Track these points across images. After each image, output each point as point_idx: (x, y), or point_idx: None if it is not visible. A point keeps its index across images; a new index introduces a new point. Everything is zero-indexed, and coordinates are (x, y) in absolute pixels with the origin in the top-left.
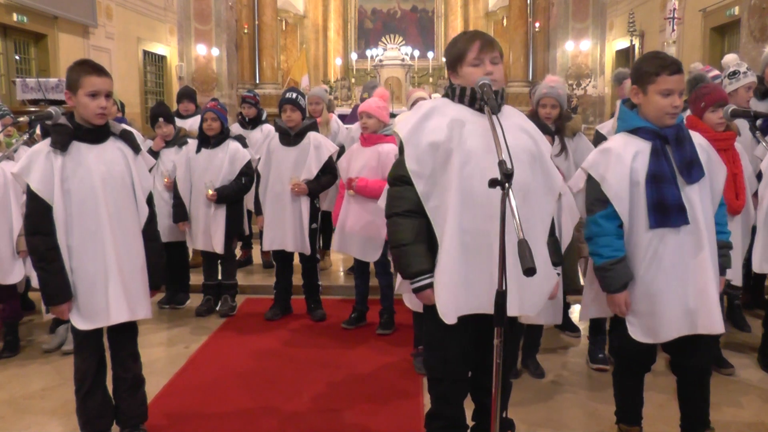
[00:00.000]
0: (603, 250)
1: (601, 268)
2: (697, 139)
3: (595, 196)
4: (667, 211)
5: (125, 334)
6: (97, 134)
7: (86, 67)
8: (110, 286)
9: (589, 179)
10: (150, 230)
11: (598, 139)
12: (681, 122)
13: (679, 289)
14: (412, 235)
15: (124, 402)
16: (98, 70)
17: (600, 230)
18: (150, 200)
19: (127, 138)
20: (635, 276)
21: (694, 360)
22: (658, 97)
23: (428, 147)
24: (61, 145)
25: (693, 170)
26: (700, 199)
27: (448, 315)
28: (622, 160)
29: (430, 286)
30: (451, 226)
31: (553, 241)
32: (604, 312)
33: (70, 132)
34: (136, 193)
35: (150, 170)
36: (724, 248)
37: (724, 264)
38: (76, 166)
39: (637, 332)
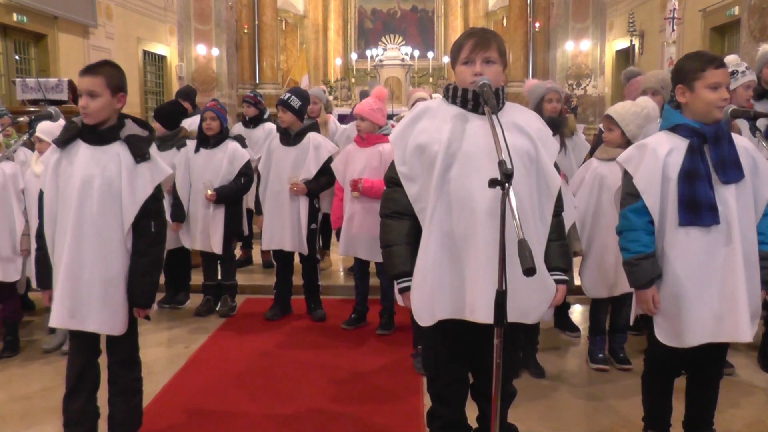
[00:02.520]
0: (630, 245)
1: (628, 263)
2: (742, 141)
3: (627, 191)
4: (698, 209)
5: (114, 339)
6: (99, 136)
7: (82, 68)
8: (57, 288)
9: (625, 173)
10: (140, 244)
11: (601, 135)
12: (723, 122)
13: (708, 293)
14: (398, 237)
15: (113, 407)
16: (84, 70)
17: (629, 224)
18: (148, 213)
19: (131, 143)
20: (663, 275)
21: (712, 363)
22: (707, 91)
23: (415, 149)
24: (61, 142)
25: (729, 170)
26: (736, 201)
27: (423, 318)
28: (655, 155)
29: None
30: (432, 229)
31: (561, 244)
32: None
33: (76, 131)
34: (123, 203)
35: (167, 180)
36: (766, 260)
37: (765, 277)
38: (68, 165)
39: (662, 333)
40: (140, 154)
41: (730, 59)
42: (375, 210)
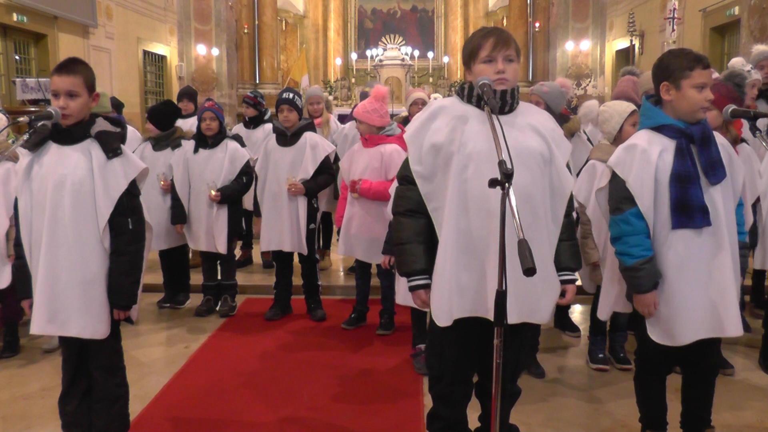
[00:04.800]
0: (634, 250)
1: (632, 269)
2: (719, 139)
3: (623, 194)
4: (690, 212)
5: (92, 345)
6: (69, 135)
7: (55, 66)
8: (36, 294)
9: (614, 177)
10: (118, 243)
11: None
12: (705, 121)
13: (700, 292)
14: (411, 235)
15: (94, 413)
16: (59, 68)
17: (631, 229)
18: (124, 210)
19: (103, 140)
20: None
21: (704, 359)
22: (693, 91)
23: (430, 148)
24: (31, 145)
25: (717, 171)
26: (722, 200)
27: (441, 317)
28: (647, 158)
29: (423, 287)
30: (449, 228)
31: (571, 245)
32: (624, 307)
33: (46, 132)
34: (97, 200)
35: (141, 175)
36: (742, 248)
37: (742, 265)
38: (39, 168)
39: (655, 333)
40: (111, 150)
41: (736, 61)
42: (374, 211)
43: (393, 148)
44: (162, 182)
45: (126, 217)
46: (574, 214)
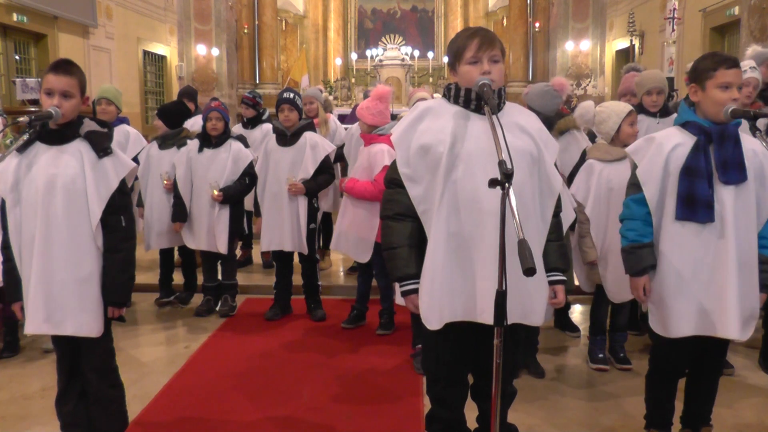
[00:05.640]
0: (628, 233)
1: (624, 250)
2: (752, 144)
3: (632, 180)
4: (694, 205)
5: (84, 346)
6: (58, 135)
7: (50, 65)
8: (30, 294)
9: (634, 164)
10: (112, 240)
11: (591, 136)
12: (733, 123)
13: (695, 286)
14: (401, 239)
15: (91, 414)
16: (55, 68)
17: (629, 213)
18: (116, 208)
19: (92, 139)
20: (657, 265)
21: (709, 357)
22: (717, 90)
23: (418, 150)
24: (20, 146)
25: (730, 171)
26: (734, 202)
27: (431, 321)
28: (660, 149)
29: (416, 291)
30: (439, 230)
31: (560, 245)
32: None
33: (35, 134)
34: (89, 199)
35: (131, 174)
36: (766, 263)
37: (764, 281)
38: (29, 169)
39: (653, 321)
40: (102, 149)
41: (743, 64)
42: (361, 211)
43: (379, 148)
44: (165, 181)
45: (119, 215)
46: (573, 213)
